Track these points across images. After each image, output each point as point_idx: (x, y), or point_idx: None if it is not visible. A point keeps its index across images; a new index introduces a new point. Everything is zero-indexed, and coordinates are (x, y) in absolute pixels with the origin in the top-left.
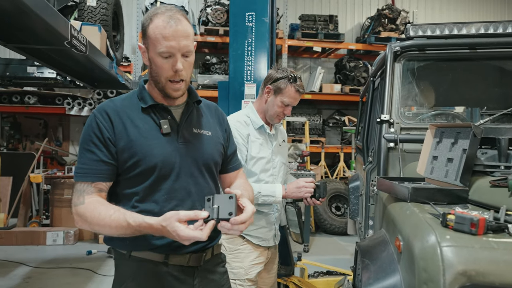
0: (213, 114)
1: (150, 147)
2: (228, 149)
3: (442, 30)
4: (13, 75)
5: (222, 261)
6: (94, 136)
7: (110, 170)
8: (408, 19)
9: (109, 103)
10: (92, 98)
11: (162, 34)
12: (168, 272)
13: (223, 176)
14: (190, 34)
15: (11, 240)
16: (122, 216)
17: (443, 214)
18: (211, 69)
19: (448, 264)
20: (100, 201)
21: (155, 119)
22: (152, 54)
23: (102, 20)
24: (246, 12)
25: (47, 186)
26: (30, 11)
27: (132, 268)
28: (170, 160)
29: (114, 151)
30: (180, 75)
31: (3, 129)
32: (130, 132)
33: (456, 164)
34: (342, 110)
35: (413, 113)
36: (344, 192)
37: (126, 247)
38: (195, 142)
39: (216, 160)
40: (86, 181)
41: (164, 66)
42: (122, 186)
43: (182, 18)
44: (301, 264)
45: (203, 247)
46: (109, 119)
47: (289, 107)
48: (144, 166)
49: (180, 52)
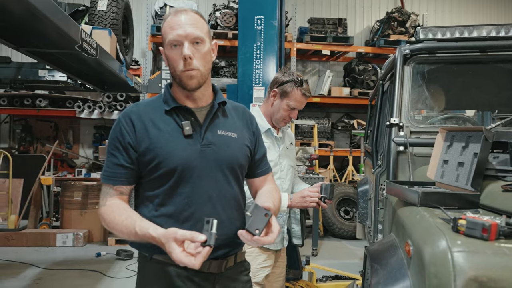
0: (240, 116)
1: (171, 149)
2: (257, 153)
3: (452, 33)
4: (25, 79)
5: (245, 269)
6: (117, 140)
7: (130, 174)
8: (418, 22)
9: (133, 107)
10: (102, 101)
11: (169, 25)
12: (187, 277)
13: (251, 181)
14: (199, 23)
15: (21, 241)
16: (132, 224)
17: (454, 219)
18: (220, 73)
19: (459, 269)
20: (118, 204)
21: (177, 121)
22: (165, 49)
23: (112, 24)
24: (255, 16)
25: (57, 188)
26: (42, 16)
27: (153, 270)
28: (191, 162)
29: (135, 156)
30: (190, 63)
31: (14, 131)
32: (151, 134)
33: (467, 168)
34: (351, 114)
35: (423, 116)
36: (353, 196)
37: (148, 250)
38: (219, 144)
39: (241, 163)
40: (108, 184)
41: (175, 57)
42: (145, 189)
43: (190, 11)
44: (310, 268)
45: (224, 254)
46: (132, 123)
47: (295, 110)
48: (165, 168)
49: (188, 39)
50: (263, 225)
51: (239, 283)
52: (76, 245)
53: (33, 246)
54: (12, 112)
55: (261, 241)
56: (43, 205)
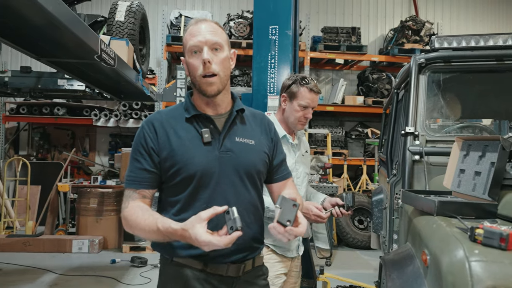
0: (259, 123)
1: (191, 156)
2: (275, 159)
3: (468, 42)
4: (45, 88)
5: (263, 273)
6: (140, 146)
7: (153, 178)
8: (432, 30)
9: (156, 115)
10: (117, 110)
11: (190, 33)
12: (206, 280)
13: (271, 186)
14: (217, 31)
15: (38, 247)
16: (154, 221)
17: (471, 228)
18: (234, 81)
19: (477, 279)
20: (141, 206)
21: (197, 128)
22: (186, 57)
23: (129, 34)
24: (269, 26)
25: (74, 195)
26: (63, 27)
27: (173, 272)
28: (210, 169)
29: (157, 161)
30: (209, 67)
31: (33, 139)
32: (172, 141)
33: (484, 177)
34: (365, 122)
35: (438, 125)
36: (367, 205)
37: (168, 253)
38: (236, 151)
39: (259, 169)
40: (131, 187)
41: (195, 63)
42: (166, 194)
43: (210, 21)
44: (324, 277)
45: (242, 258)
46: (154, 130)
47: (308, 109)
48: (184, 174)
49: (207, 44)
50: (293, 216)
51: (257, 287)
52: (92, 251)
53: (50, 252)
54: (31, 120)
55: (294, 231)
56: (59, 211)
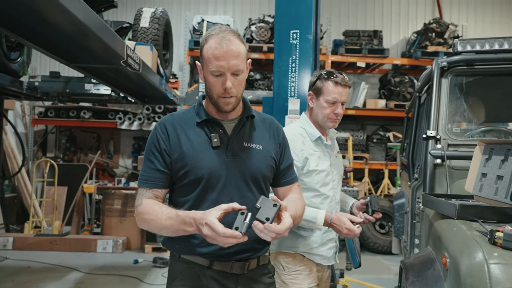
0: (267, 128)
1: (199, 159)
2: (282, 163)
3: (491, 45)
4: (72, 92)
5: (269, 272)
6: (154, 147)
7: (165, 178)
8: (457, 32)
9: (169, 117)
10: (141, 113)
11: (213, 54)
12: (211, 276)
13: (277, 190)
14: (241, 54)
15: (64, 246)
16: (173, 211)
17: (491, 231)
18: (255, 85)
19: (496, 281)
20: (157, 202)
21: (207, 132)
22: (205, 72)
23: (153, 40)
24: (290, 30)
25: (99, 196)
26: (92, 33)
27: (181, 268)
28: (217, 172)
29: (169, 161)
30: (230, 92)
31: (60, 142)
32: (183, 144)
33: (507, 181)
34: (386, 126)
35: (461, 129)
36: (388, 209)
37: (177, 250)
38: (243, 155)
39: (265, 174)
40: (145, 187)
41: (216, 84)
42: (176, 194)
43: (234, 39)
44: (344, 281)
45: (246, 257)
46: (167, 132)
47: (337, 104)
48: (193, 176)
49: (230, 71)
50: (272, 215)
51: (261, 285)
52: (115, 251)
53: (75, 251)
54: (58, 123)
55: (272, 228)
56: (85, 212)
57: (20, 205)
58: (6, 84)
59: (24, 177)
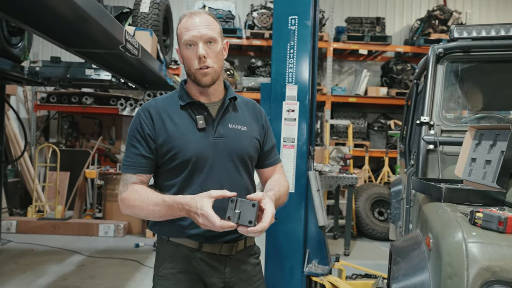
0: (250, 110)
1: (186, 142)
2: (265, 145)
3: (488, 31)
4: (73, 77)
5: (255, 252)
6: (137, 132)
7: (150, 163)
8: (460, 20)
9: (152, 102)
10: (143, 99)
11: (185, 26)
12: (201, 258)
13: (261, 171)
14: (212, 24)
15: (67, 230)
16: (159, 196)
17: (471, 212)
18: (256, 72)
19: (473, 259)
20: (142, 186)
21: (192, 115)
22: (181, 49)
23: (153, 25)
24: (289, 16)
25: (101, 181)
26: (90, 19)
27: (170, 251)
28: (204, 154)
29: (154, 147)
30: (204, 61)
31: (62, 127)
32: (168, 128)
33: (494, 166)
34: (388, 114)
35: (455, 116)
36: (387, 197)
37: (165, 234)
38: (230, 137)
39: (251, 155)
40: (129, 172)
41: (191, 57)
42: (162, 178)
43: (203, 13)
44: (339, 265)
45: (235, 239)
46: (151, 117)
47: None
48: (180, 159)
49: (202, 39)
50: (253, 216)
51: (248, 265)
52: (117, 235)
53: (78, 235)
54: (60, 109)
55: (256, 229)
56: (87, 197)
57: (23, 190)
58: (7, 69)
59: (27, 162)
